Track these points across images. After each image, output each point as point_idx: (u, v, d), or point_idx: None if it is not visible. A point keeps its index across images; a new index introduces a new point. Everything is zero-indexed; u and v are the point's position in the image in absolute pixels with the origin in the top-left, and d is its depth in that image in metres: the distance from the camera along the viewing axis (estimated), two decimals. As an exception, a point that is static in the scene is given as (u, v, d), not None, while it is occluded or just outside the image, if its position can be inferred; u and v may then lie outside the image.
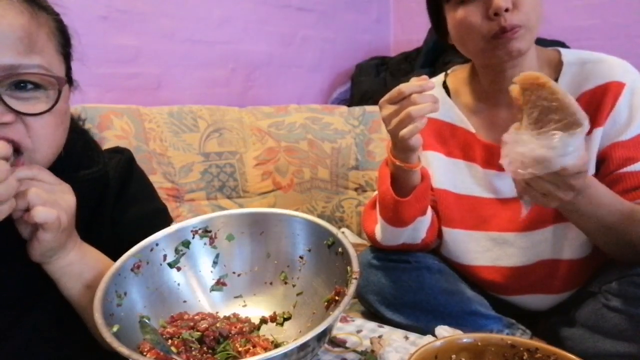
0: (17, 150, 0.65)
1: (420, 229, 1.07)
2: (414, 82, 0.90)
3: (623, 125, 0.96)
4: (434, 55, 2.21)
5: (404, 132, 0.89)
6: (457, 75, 1.15)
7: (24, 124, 0.64)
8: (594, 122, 0.97)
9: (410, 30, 2.70)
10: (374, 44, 2.71)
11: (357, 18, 2.62)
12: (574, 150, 0.72)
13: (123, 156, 0.89)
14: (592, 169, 0.98)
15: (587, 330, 0.96)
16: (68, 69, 0.73)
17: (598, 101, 0.97)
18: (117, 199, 0.83)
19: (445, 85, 1.15)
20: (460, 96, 1.13)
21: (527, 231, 1.05)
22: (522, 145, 0.74)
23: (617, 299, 0.92)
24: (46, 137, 0.67)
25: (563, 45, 1.63)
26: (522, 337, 1.02)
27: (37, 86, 0.66)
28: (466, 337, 0.63)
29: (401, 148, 0.95)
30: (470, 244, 1.10)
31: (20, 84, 0.64)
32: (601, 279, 0.97)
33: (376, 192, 1.14)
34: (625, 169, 0.95)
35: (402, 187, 1.00)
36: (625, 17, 2.13)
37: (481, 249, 1.10)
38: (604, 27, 2.19)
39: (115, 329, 0.65)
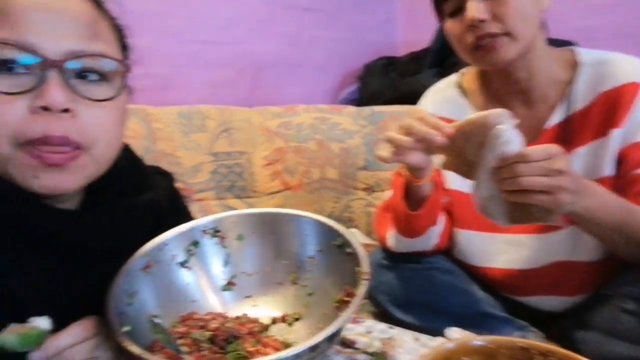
0: (78, 147, 0.62)
1: (432, 237, 1.07)
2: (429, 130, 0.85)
3: (639, 126, 0.95)
4: (442, 56, 2.19)
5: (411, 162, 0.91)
6: (472, 74, 1.15)
7: (85, 117, 0.62)
8: (611, 123, 0.97)
9: (418, 29, 2.68)
10: (381, 44, 2.69)
11: (364, 18, 2.61)
12: (514, 134, 0.79)
13: (167, 181, 0.89)
14: (610, 170, 0.98)
15: (602, 334, 0.94)
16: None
17: (614, 102, 0.97)
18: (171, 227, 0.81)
19: (459, 85, 1.15)
20: (474, 96, 1.12)
21: (544, 233, 1.04)
22: (484, 164, 0.82)
23: (634, 302, 0.90)
24: (106, 133, 0.65)
25: (572, 45, 1.62)
26: (534, 340, 1.02)
27: (101, 77, 0.64)
28: (478, 340, 0.62)
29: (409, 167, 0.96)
30: (484, 245, 1.10)
31: (83, 73, 0.62)
32: (618, 281, 0.96)
33: (388, 193, 1.13)
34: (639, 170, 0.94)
35: (414, 196, 1.00)
36: (633, 16, 2.13)
37: (495, 251, 1.09)
38: (612, 26, 2.17)
39: (126, 328, 0.65)
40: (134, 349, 0.59)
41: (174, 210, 0.86)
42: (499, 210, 0.86)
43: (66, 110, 0.60)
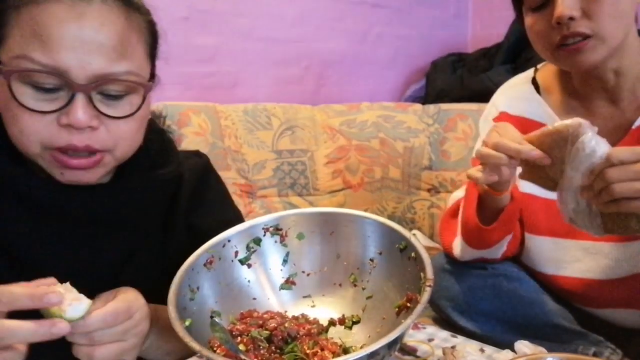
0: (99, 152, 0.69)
1: (502, 246, 1.01)
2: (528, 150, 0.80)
3: None
4: (516, 51, 2.09)
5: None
6: (548, 70, 1.08)
7: (106, 128, 0.68)
8: None
9: (489, 24, 2.58)
10: (450, 40, 2.61)
11: (433, 13, 2.55)
12: (598, 141, 0.73)
13: (200, 160, 0.92)
14: None
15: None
16: (152, 67, 0.76)
17: None
18: (191, 203, 0.86)
19: (534, 82, 1.08)
20: (551, 93, 1.05)
21: (626, 241, 0.96)
22: (568, 181, 0.76)
23: None
24: (126, 139, 0.72)
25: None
26: (611, 358, 0.94)
27: (125, 92, 0.69)
28: (551, 357, 0.58)
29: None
30: (558, 252, 1.03)
31: (107, 92, 0.68)
32: None
33: (454, 197, 1.09)
34: None
35: (489, 208, 0.95)
36: None
37: (570, 259, 1.02)
38: None
39: (187, 322, 0.66)
40: (194, 345, 0.60)
41: (204, 187, 0.90)
42: (591, 223, 0.79)
43: (90, 127, 0.66)
